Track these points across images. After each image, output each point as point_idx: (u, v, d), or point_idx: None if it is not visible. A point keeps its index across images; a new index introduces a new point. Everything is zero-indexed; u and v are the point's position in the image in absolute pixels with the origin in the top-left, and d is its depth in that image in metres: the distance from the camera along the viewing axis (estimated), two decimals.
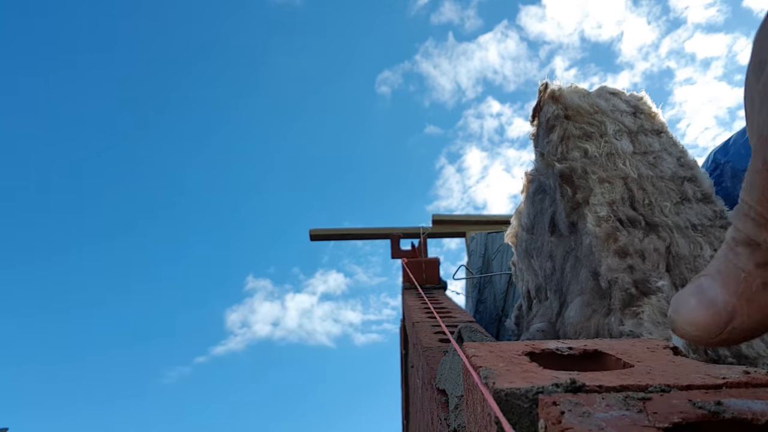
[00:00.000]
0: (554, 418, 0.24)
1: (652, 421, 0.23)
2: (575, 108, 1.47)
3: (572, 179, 1.33)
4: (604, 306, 1.16)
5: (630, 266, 1.15)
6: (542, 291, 1.47)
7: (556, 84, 1.55)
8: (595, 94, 1.55)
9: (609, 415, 0.24)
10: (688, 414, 0.24)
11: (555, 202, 1.40)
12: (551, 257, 1.42)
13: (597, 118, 1.45)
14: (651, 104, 1.55)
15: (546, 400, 0.26)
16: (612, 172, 1.33)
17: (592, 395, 0.27)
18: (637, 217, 1.25)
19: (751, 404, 0.25)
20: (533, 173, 1.58)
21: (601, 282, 1.17)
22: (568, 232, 1.33)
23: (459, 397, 0.67)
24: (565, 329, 1.25)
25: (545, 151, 1.46)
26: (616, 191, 1.29)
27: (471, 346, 0.39)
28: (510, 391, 0.28)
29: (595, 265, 1.20)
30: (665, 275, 1.15)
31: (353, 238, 4.55)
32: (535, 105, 1.59)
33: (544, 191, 1.50)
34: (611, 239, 1.19)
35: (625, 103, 1.53)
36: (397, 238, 3.63)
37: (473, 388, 0.34)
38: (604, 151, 1.38)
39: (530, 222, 1.58)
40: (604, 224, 1.22)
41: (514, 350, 0.37)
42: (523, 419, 0.27)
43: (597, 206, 1.25)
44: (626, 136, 1.43)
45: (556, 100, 1.49)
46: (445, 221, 4.28)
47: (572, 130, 1.42)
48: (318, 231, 4.45)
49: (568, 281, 1.31)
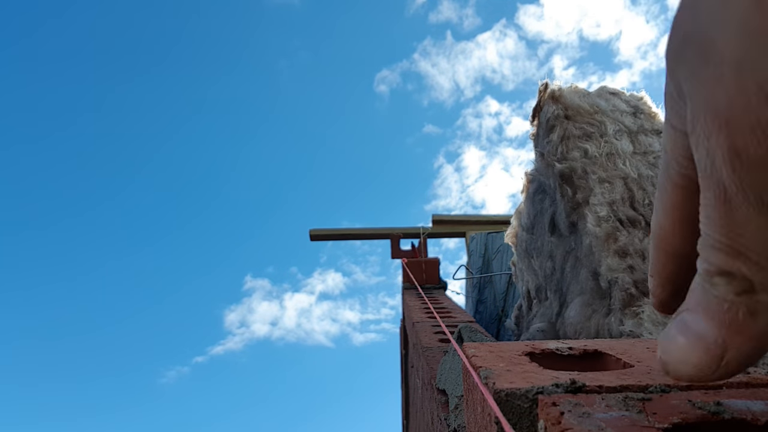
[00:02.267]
0: (554, 419, 0.24)
1: (651, 422, 0.23)
2: (575, 108, 1.47)
3: (572, 179, 1.33)
4: (604, 306, 1.16)
5: (630, 266, 1.15)
6: (542, 291, 1.47)
7: (556, 84, 1.55)
8: (595, 94, 1.55)
9: (609, 415, 0.24)
10: (688, 414, 0.24)
11: (555, 202, 1.40)
12: (551, 257, 1.42)
13: (597, 118, 1.45)
14: (651, 104, 1.55)
15: (546, 401, 0.26)
16: (612, 172, 1.33)
17: (592, 395, 0.27)
18: (637, 217, 1.25)
19: (751, 404, 0.25)
20: (533, 173, 1.58)
21: (601, 282, 1.17)
22: (568, 232, 1.34)
23: (459, 397, 0.67)
24: (565, 329, 1.26)
25: (545, 151, 1.46)
26: (616, 191, 1.29)
27: (471, 346, 0.39)
28: (510, 391, 0.28)
29: (595, 265, 1.20)
30: None
31: (353, 238, 4.55)
32: (535, 105, 1.59)
33: (544, 191, 1.50)
34: (611, 239, 1.19)
35: (625, 103, 1.53)
36: (397, 238, 3.63)
37: (473, 388, 0.34)
38: (604, 151, 1.38)
39: (530, 222, 1.58)
40: (604, 224, 1.22)
41: (514, 350, 0.37)
42: (523, 419, 0.27)
43: (597, 206, 1.25)
44: (626, 136, 1.43)
45: (556, 100, 1.49)
46: (445, 221, 4.29)
47: (572, 130, 1.43)
48: (318, 231, 4.45)
49: (568, 281, 1.31)
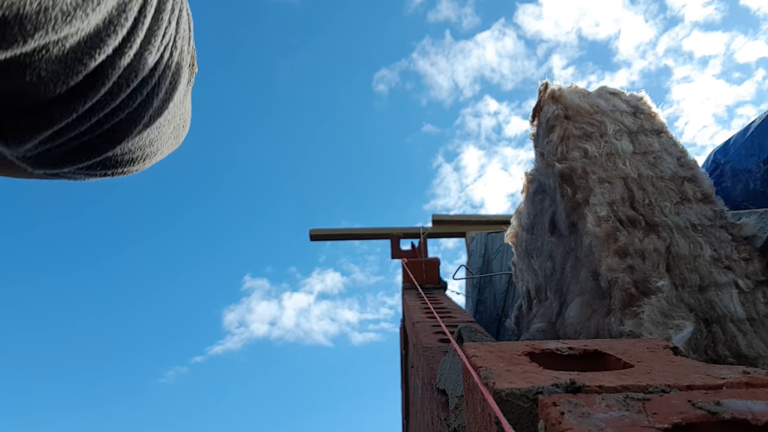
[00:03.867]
0: (554, 419, 0.24)
1: (651, 422, 0.23)
2: (575, 108, 1.47)
3: (572, 179, 1.33)
4: (604, 306, 1.16)
5: (630, 266, 1.15)
6: (542, 291, 1.47)
7: (557, 84, 1.55)
8: (595, 94, 1.55)
9: (609, 415, 0.24)
10: (688, 414, 0.24)
11: (555, 202, 1.40)
12: (551, 257, 1.42)
13: (597, 118, 1.45)
14: (651, 104, 1.55)
15: (546, 401, 0.26)
16: (612, 172, 1.33)
17: (592, 396, 0.27)
18: (637, 217, 1.25)
19: (751, 404, 0.25)
20: (533, 173, 1.58)
21: (601, 282, 1.17)
22: (568, 232, 1.34)
23: (459, 397, 0.67)
24: (565, 329, 1.25)
25: (545, 151, 1.46)
26: (616, 191, 1.29)
27: (471, 346, 0.39)
28: (510, 391, 0.28)
29: (595, 265, 1.20)
30: (665, 275, 1.15)
31: (353, 239, 4.55)
32: (535, 105, 1.59)
33: (544, 191, 1.50)
34: (611, 239, 1.19)
35: (625, 103, 1.53)
36: (397, 238, 3.63)
37: (473, 388, 0.34)
38: (604, 151, 1.38)
39: (530, 222, 1.58)
40: (604, 224, 1.22)
41: (514, 350, 0.37)
42: (523, 420, 0.27)
43: (597, 206, 1.25)
44: (626, 136, 1.43)
45: (556, 100, 1.49)
46: (445, 221, 4.28)
47: (572, 130, 1.43)
48: (318, 231, 4.45)
49: (568, 281, 1.31)
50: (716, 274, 1.17)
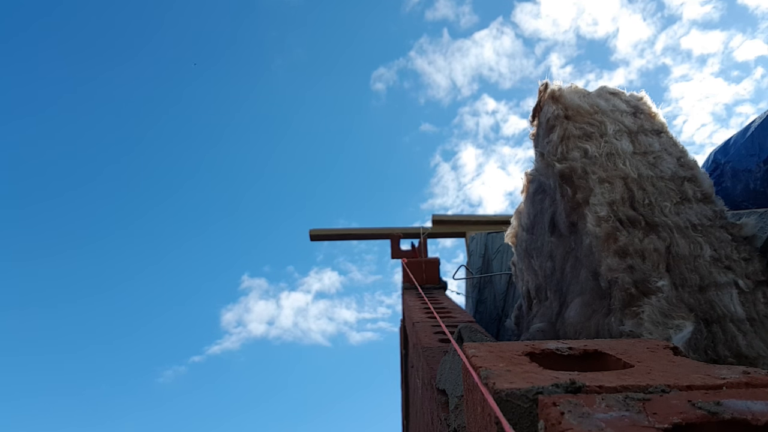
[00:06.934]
0: (554, 419, 0.24)
1: (651, 422, 0.23)
2: (575, 108, 1.47)
3: (572, 179, 1.33)
4: (604, 306, 1.16)
5: (630, 266, 1.15)
6: (542, 291, 1.47)
7: (556, 84, 1.55)
8: (595, 94, 1.55)
9: (609, 415, 0.24)
10: (688, 414, 0.24)
11: (555, 202, 1.40)
12: (551, 257, 1.42)
13: (597, 118, 1.45)
14: (651, 104, 1.55)
15: (546, 401, 0.26)
16: (612, 172, 1.33)
17: (592, 396, 0.27)
18: (637, 217, 1.25)
19: (751, 404, 0.25)
20: (533, 173, 1.58)
21: (601, 282, 1.17)
22: (568, 232, 1.33)
23: (459, 397, 0.67)
24: (565, 329, 1.25)
25: (545, 151, 1.46)
26: (616, 191, 1.29)
27: (471, 346, 0.39)
28: (510, 391, 0.28)
29: (595, 265, 1.20)
30: (665, 275, 1.15)
31: (353, 239, 4.54)
32: (535, 105, 1.59)
33: (544, 191, 1.50)
34: (611, 239, 1.19)
35: (625, 103, 1.53)
36: (397, 238, 3.63)
37: (473, 389, 0.34)
38: (604, 151, 1.38)
39: (530, 222, 1.58)
40: (604, 224, 1.22)
41: (514, 350, 0.37)
42: (523, 420, 0.27)
43: (597, 206, 1.25)
44: (626, 136, 1.43)
45: (556, 100, 1.49)
46: (444, 221, 4.28)
47: (572, 130, 1.42)
48: (318, 231, 4.44)
49: (568, 281, 1.31)
50: (716, 274, 1.17)
